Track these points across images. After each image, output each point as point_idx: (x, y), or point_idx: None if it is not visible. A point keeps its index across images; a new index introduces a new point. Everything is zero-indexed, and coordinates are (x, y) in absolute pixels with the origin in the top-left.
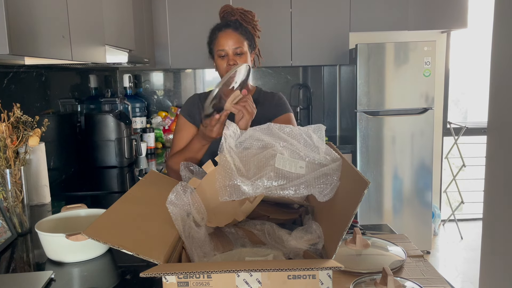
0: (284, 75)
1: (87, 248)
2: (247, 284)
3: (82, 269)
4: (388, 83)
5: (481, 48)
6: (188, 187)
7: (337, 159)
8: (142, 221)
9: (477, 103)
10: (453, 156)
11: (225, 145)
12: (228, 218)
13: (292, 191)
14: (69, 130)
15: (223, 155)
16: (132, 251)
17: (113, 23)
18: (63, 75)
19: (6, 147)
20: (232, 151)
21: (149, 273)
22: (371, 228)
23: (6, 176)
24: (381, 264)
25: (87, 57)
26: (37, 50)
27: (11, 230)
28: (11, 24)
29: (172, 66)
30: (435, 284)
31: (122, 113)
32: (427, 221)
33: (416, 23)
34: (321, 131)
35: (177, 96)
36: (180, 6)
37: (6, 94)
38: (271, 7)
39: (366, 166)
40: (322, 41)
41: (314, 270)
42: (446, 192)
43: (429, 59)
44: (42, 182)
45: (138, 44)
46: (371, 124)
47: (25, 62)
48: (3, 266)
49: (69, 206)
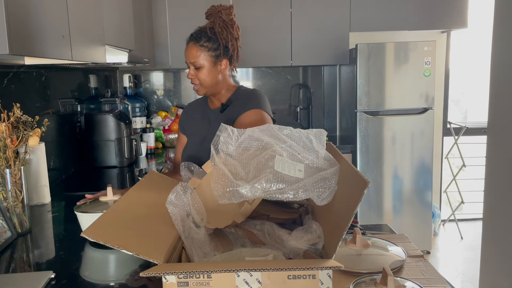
0: (284, 75)
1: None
2: (247, 284)
3: (83, 268)
4: (388, 83)
5: (481, 48)
6: (188, 187)
7: (335, 164)
8: (142, 221)
9: (477, 103)
10: (453, 156)
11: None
12: (227, 220)
13: (291, 195)
14: (69, 130)
15: (215, 165)
16: (132, 251)
17: (113, 23)
18: (63, 75)
19: (6, 147)
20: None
21: (149, 273)
22: (371, 228)
23: (6, 176)
24: (381, 264)
25: (87, 57)
26: (37, 50)
27: (11, 230)
28: (11, 24)
29: (172, 66)
30: (435, 284)
31: (122, 113)
32: (427, 221)
33: (416, 23)
34: (322, 136)
35: (177, 96)
36: (180, 6)
37: (6, 94)
38: (271, 7)
39: (366, 166)
40: (322, 41)
41: (314, 270)
42: (446, 192)
43: (429, 59)
44: (42, 182)
45: (138, 44)
46: (371, 124)
47: (25, 62)
48: (3, 266)
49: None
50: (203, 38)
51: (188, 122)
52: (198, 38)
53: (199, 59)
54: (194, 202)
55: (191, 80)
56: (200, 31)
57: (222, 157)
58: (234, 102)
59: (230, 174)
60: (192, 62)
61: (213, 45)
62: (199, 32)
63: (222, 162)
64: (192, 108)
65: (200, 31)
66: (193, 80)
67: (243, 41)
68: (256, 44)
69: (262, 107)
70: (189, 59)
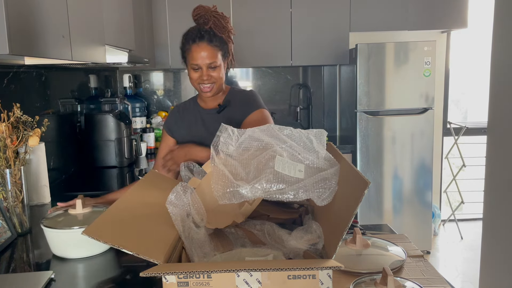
0: (284, 75)
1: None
2: (247, 284)
3: (83, 268)
4: (388, 83)
5: (481, 48)
6: (188, 187)
7: (336, 164)
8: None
9: (477, 103)
10: (453, 156)
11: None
12: (227, 220)
13: (291, 196)
14: (69, 130)
15: (215, 166)
16: (132, 251)
17: (113, 23)
18: (63, 75)
19: (6, 147)
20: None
21: (149, 272)
22: (371, 228)
23: (6, 176)
24: (381, 264)
25: (87, 57)
26: (37, 50)
27: (11, 230)
28: (11, 24)
29: (172, 66)
30: (435, 284)
31: (122, 113)
32: (427, 221)
33: (416, 23)
34: (322, 136)
35: (177, 96)
36: (180, 6)
37: (6, 94)
38: (271, 7)
39: (366, 166)
40: (322, 41)
41: (314, 270)
42: (446, 192)
43: (429, 59)
44: (42, 182)
45: (138, 44)
46: (371, 124)
47: (25, 62)
48: (3, 266)
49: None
50: (213, 38)
51: (177, 124)
52: (211, 38)
53: (217, 59)
54: (194, 202)
55: (205, 80)
56: (206, 31)
57: (222, 157)
58: (232, 103)
59: (230, 175)
60: (210, 63)
61: (222, 46)
62: (205, 32)
63: (222, 162)
64: (181, 110)
65: (206, 31)
66: (208, 80)
67: (243, 41)
68: (256, 44)
69: (264, 107)
70: (204, 60)
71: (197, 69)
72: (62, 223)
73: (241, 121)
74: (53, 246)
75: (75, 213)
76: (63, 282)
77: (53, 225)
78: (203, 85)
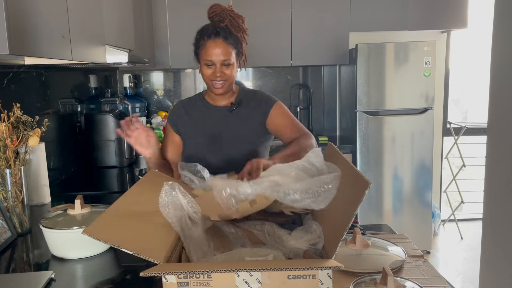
0: (284, 75)
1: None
2: (247, 284)
3: (82, 268)
4: (388, 83)
5: (481, 48)
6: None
7: (336, 170)
8: (142, 220)
9: (477, 103)
10: (453, 156)
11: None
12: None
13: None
14: (69, 130)
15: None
16: (132, 251)
17: (113, 23)
18: (63, 75)
19: (6, 147)
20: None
21: (149, 272)
22: (371, 228)
23: (6, 176)
24: (381, 264)
25: (87, 57)
26: (37, 50)
27: (11, 230)
28: (11, 24)
29: (172, 66)
30: (435, 284)
31: (122, 113)
32: (427, 221)
33: (416, 23)
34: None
35: (177, 96)
36: (180, 6)
37: (6, 94)
38: (271, 7)
39: (366, 166)
40: (322, 41)
41: (314, 270)
42: (446, 192)
43: (429, 59)
44: (42, 182)
45: (138, 44)
46: (371, 124)
47: (25, 62)
48: (3, 266)
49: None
50: (229, 35)
51: (182, 120)
52: (227, 36)
53: (231, 57)
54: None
55: (218, 77)
56: (222, 29)
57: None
58: (244, 102)
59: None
60: (224, 60)
61: (237, 45)
62: (221, 29)
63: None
64: (187, 106)
65: (222, 29)
66: (221, 77)
67: None
68: (256, 44)
69: (278, 100)
70: (219, 56)
71: (211, 65)
72: (61, 224)
73: (262, 120)
74: (52, 246)
75: (74, 213)
76: (63, 282)
77: (52, 226)
78: (215, 82)
